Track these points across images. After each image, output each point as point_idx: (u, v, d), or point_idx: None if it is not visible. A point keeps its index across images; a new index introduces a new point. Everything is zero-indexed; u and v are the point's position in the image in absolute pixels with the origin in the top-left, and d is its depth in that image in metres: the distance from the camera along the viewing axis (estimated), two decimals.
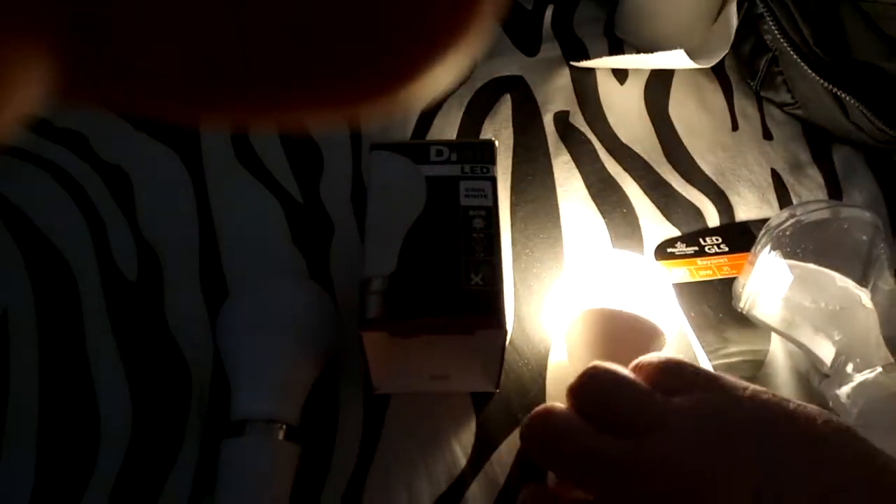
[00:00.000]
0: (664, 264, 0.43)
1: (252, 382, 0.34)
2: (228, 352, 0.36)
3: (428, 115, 0.52)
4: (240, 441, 0.33)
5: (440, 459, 0.36)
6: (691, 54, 0.50)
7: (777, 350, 0.38)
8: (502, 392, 0.38)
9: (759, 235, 0.40)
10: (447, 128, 0.51)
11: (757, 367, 0.37)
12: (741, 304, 0.40)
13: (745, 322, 0.39)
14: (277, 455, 0.33)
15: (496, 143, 0.40)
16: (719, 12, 0.53)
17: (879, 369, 0.33)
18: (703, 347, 0.38)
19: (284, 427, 0.34)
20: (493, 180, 0.38)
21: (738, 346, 0.38)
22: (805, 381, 0.37)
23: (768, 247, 0.40)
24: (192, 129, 0.50)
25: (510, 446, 0.36)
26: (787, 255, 0.41)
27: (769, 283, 0.40)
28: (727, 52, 0.51)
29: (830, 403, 0.35)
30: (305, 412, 0.37)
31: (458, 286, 0.34)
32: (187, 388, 0.38)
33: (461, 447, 0.36)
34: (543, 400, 0.38)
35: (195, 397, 0.38)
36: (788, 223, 0.41)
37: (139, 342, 0.40)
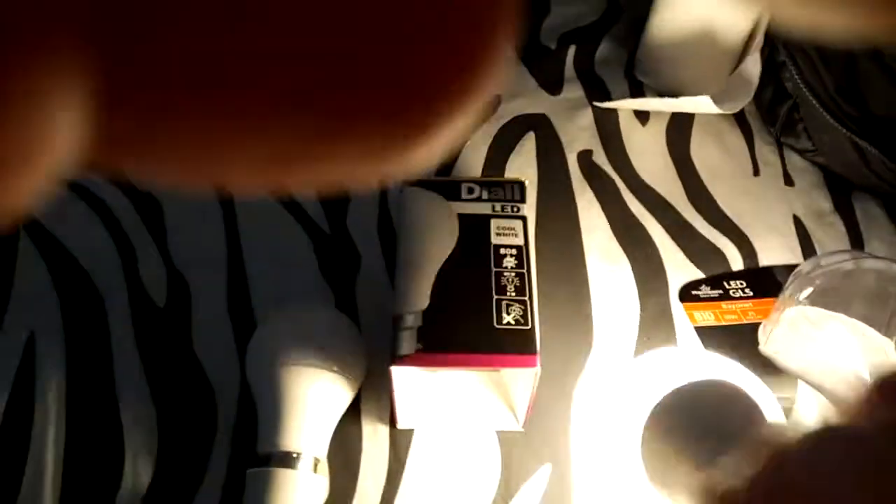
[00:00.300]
0: (689, 307, 0.43)
1: (279, 414, 0.34)
2: (257, 382, 0.36)
3: (452, 150, 0.52)
4: (265, 472, 0.33)
5: (464, 498, 0.36)
6: (714, 100, 0.50)
7: (805, 397, 0.38)
8: (528, 431, 0.38)
9: (787, 282, 0.40)
10: (473, 163, 0.52)
11: (784, 415, 0.37)
12: (767, 350, 0.40)
13: (770, 368, 0.39)
14: (303, 488, 0.33)
15: (527, 182, 0.40)
16: (740, 60, 0.54)
17: None
18: None
19: (311, 459, 0.34)
20: (524, 220, 0.38)
21: None
22: None
23: (797, 294, 0.40)
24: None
25: (536, 485, 0.36)
26: (814, 303, 0.41)
27: (796, 330, 0.40)
28: (750, 99, 0.51)
29: None
30: (332, 448, 0.37)
31: (491, 325, 0.34)
32: (213, 416, 0.38)
33: (486, 486, 0.36)
34: (568, 442, 0.38)
35: (221, 425, 0.38)
36: (816, 272, 0.41)
37: (166, 367, 0.40)
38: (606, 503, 0.36)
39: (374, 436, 0.38)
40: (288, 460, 0.33)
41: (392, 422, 0.38)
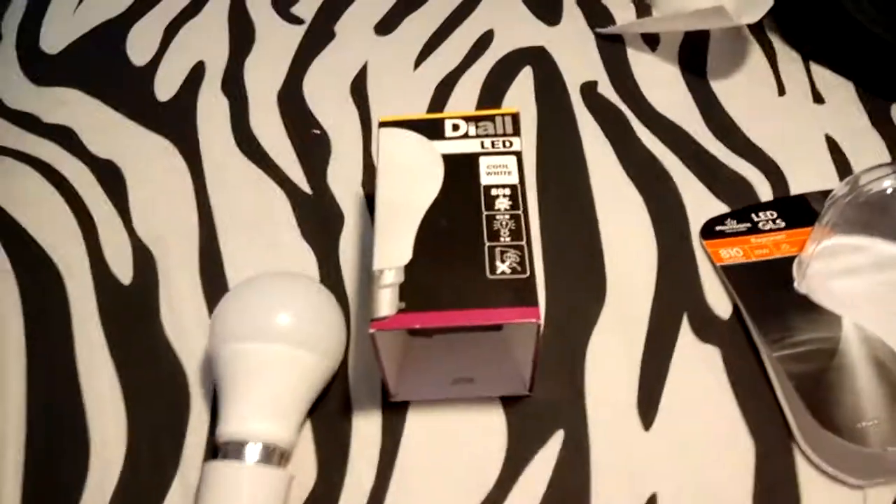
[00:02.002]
0: (713, 244, 0.38)
1: (236, 398, 0.30)
2: (214, 363, 0.31)
3: (442, 94, 0.48)
4: (214, 466, 0.29)
5: (468, 474, 0.32)
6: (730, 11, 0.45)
7: (851, 336, 0.33)
8: (535, 395, 0.34)
9: (824, 209, 0.35)
10: (464, 107, 0.47)
11: (829, 357, 0.32)
12: (804, 285, 0.35)
13: (810, 306, 0.34)
14: (258, 484, 0.29)
15: (519, 113, 0.35)
16: None
17: None
18: (763, 337, 0.34)
19: (273, 452, 0.30)
20: (518, 155, 0.34)
21: (806, 334, 0.33)
22: (887, 371, 0.32)
23: (833, 221, 0.35)
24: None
25: (546, 456, 0.32)
26: (854, 231, 0.36)
27: (835, 261, 0.35)
28: (772, 4, 0.45)
29: None
30: (316, 423, 0.33)
31: (483, 276, 0.29)
32: (186, 403, 0.34)
33: (492, 459, 0.32)
34: (583, 402, 0.34)
35: (195, 412, 0.34)
36: (854, 194, 0.36)
37: (134, 352, 0.36)
38: (627, 469, 0.31)
39: (366, 411, 0.34)
40: (241, 452, 0.29)
41: (384, 395, 0.34)
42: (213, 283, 0.39)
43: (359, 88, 0.48)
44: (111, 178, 0.44)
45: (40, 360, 0.36)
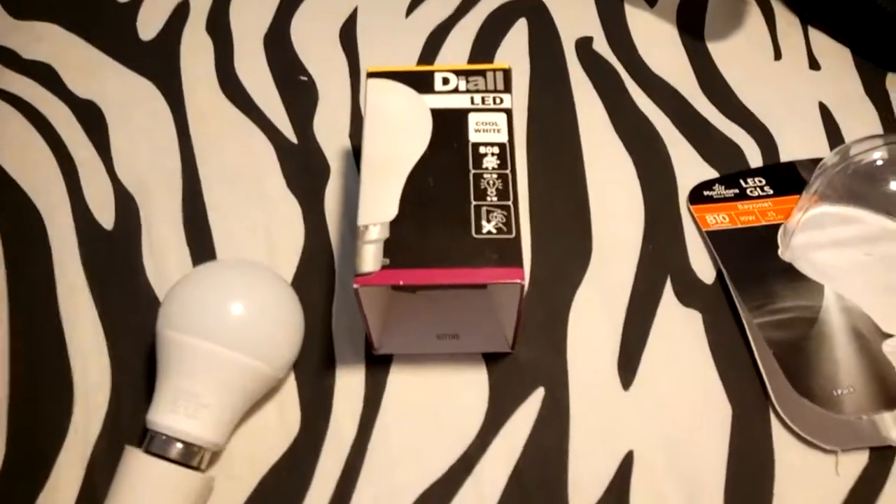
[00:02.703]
0: (700, 209, 0.38)
1: (168, 387, 0.29)
2: (158, 341, 0.30)
3: (433, 45, 0.46)
4: (133, 452, 0.28)
5: (448, 427, 0.32)
6: None
7: (832, 306, 0.33)
8: (518, 352, 0.34)
9: (812, 178, 0.35)
10: (455, 58, 0.46)
11: (809, 325, 0.33)
12: (788, 254, 0.35)
13: (793, 274, 0.35)
14: (168, 480, 0.28)
15: (511, 69, 0.35)
16: None
17: None
18: (744, 303, 0.34)
19: (192, 450, 0.29)
20: (509, 112, 0.33)
21: (787, 302, 0.34)
22: (865, 342, 0.32)
23: (821, 190, 0.35)
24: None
25: (526, 413, 0.33)
26: (842, 201, 0.36)
27: (821, 231, 0.35)
28: None
29: None
30: (299, 374, 0.33)
31: (469, 235, 0.29)
32: None
33: (473, 414, 0.33)
34: (564, 360, 0.34)
35: None
36: (843, 164, 0.36)
37: (116, 297, 0.36)
38: (605, 427, 0.32)
39: (349, 363, 0.34)
40: (160, 446, 0.28)
41: (368, 347, 0.35)
42: (196, 230, 0.38)
43: (348, 34, 0.47)
44: (92, 119, 0.42)
45: (22, 305, 0.36)
